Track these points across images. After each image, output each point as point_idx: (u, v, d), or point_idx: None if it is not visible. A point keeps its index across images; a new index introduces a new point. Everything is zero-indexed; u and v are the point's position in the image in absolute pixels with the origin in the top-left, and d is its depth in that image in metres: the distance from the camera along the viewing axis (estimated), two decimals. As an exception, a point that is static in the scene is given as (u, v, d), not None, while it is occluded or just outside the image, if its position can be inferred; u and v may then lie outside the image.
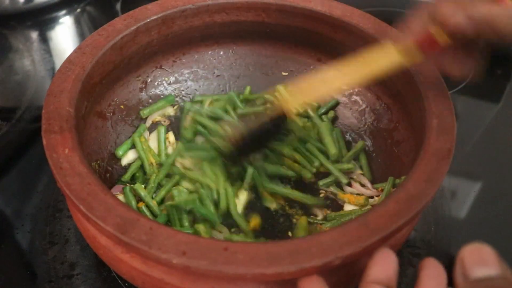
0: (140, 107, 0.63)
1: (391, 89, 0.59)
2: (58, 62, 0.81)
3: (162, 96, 0.66)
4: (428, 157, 0.44)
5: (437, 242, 0.57)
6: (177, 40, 0.64)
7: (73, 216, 0.47)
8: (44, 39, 0.85)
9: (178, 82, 0.67)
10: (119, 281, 0.53)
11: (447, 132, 0.46)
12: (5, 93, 0.74)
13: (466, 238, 0.56)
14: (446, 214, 0.60)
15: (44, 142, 0.43)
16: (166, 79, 0.66)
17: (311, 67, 0.68)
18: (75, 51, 0.53)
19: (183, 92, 0.67)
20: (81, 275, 0.53)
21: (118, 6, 0.93)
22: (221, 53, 0.69)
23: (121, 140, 0.61)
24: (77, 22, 0.90)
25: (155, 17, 0.59)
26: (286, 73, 0.68)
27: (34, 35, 0.85)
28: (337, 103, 0.66)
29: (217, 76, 0.69)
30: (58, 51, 0.84)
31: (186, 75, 0.68)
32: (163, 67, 0.66)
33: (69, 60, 0.52)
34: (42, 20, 0.88)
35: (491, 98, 0.77)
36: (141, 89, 0.64)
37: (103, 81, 0.56)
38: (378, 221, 0.39)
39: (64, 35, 0.88)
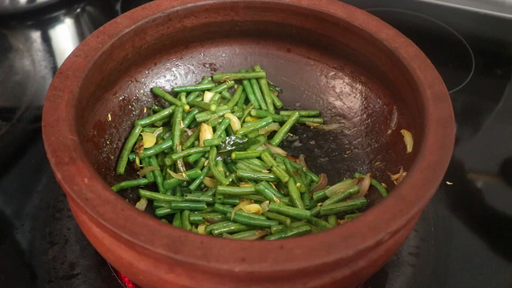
0: (119, 124, 0.61)
1: (372, 71, 0.61)
2: (58, 62, 0.81)
3: (136, 111, 0.64)
4: (434, 126, 0.46)
5: (437, 242, 0.58)
6: (149, 51, 0.62)
7: (99, 248, 0.44)
8: (44, 39, 0.85)
9: (152, 92, 0.65)
10: (119, 281, 0.54)
11: (442, 100, 0.49)
12: (5, 93, 0.74)
13: (466, 238, 0.59)
14: (446, 214, 0.61)
15: (59, 175, 0.41)
16: (142, 91, 0.64)
17: (281, 58, 0.69)
18: (57, 76, 0.50)
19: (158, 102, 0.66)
20: (81, 275, 0.54)
21: (118, 6, 0.92)
22: (191, 57, 0.68)
23: (112, 160, 0.58)
24: (77, 22, 0.89)
25: (127, 30, 0.57)
26: (257, 68, 0.69)
27: (34, 35, 0.84)
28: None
29: (190, 79, 0.68)
30: (58, 51, 0.83)
31: (159, 84, 0.66)
32: (137, 79, 0.64)
33: (53, 86, 0.49)
34: (42, 20, 0.88)
35: (491, 98, 0.78)
36: (119, 106, 0.62)
37: (89, 104, 0.54)
38: (412, 193, 0.41)
39: (64, 35, 0.87)
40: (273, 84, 0.69)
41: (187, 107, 0.64)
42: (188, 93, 0.67)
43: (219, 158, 0.60)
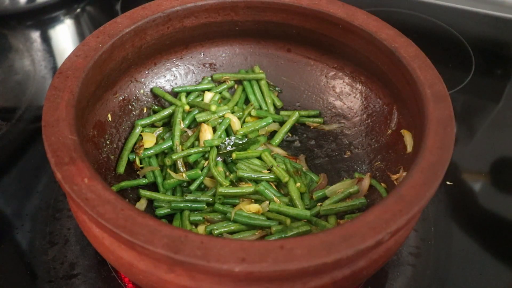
0: (119, 124, 0.61)
1: (371, 71, 0.61)
2: (58, 62, 0.81)
3: (136, 111, 0.64)
4: (434, 126, 0.46)
5: (437, 242, 0.58)
6: (149, 51, 0.62)
7: (99, 248, 0.44)
8: (44, 39, 0.85)
9: (152, 92, 0.65)
10: (119, 281, 0.54)
11: (442, 100, 0.49)
12: (5, 93, 0.74)
13: (466, 238, 0.59)
14: (446, 214, 0.61)
15: (59, 175, 0.41)
16: (142, 91, 0.64)
17: (281, 58, 0.69)
18: (57, 77, 0.50)
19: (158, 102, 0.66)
20: (81, 275, 0.54)
21: (118, 6, 0.92)
22: (191, 57, 0.68)
23: (112, 160, 0.58)
24: (77, 22, 0.90)
25: (127, 30, 0.57)
26: (257, 69, 0.69)
27: (34, 35, 0.85)
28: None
29: (190, 79, 0.68)
30: (58, 51, 0.84)
31: (159, 84, 0.66)
32: (137, 79, 0.64)
33: (53, 86, 0.49)
34: (42, 20, 0.88)
35: (491, 98, 0.78)
36: (119, 106, 0.62)
37: (89, 104, 0.54)
38: (412, 193, 0.41)
39: (64, 35, 0.87)
40: (273, 84, 0.69)
41: (187, 107, 0.64)
42: (188, 93, 0.67)
43: (219, 159, 0.60)
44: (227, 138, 0.60)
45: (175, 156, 0.58)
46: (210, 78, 0.68)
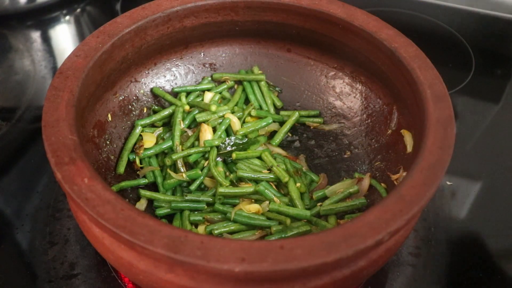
0: (119, 124, 0.61)
1: (372, 71, 0.61)
2: (58, 62, 0.81)
3: (136, 111, 0.64)
4: (434, 126, 0.46)
5: (437, 242, 0.58)
6: (149, 51, 0.62)
7: (99, 248, 0.44)
8: (44, 39, 0.85)
9: (152, 92, 0.65)
10: (119, 281, 0.54)
11: (442, 100, 0.49)
12: (5, 93, 0.74)
13: (466, 238, 0.59)
14: (446, 214, 0.61)
15: (59, 175, 0.41)
16: (142, 91, 0.64)
17: (281, 58, 0.69)
18: (57, 77, 0.50)
19: (158, 102, 0.66)
20: (81, 275, 0.54)
21: (118, 6, 0.92)
22: (191, 57, 0.68)
23: (112, 160, 0.58)
24: (77, 22, 0.90)
25: (127, 30, 0.57)
26: (256, 69, 0.69)
27: (34, 35, 0.85)
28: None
29: (190, 79, 0.68)
30: (58, 51, 0.84)
31: (159, 84, 0.66)
32: (137, 79, 0.64)
33: (53, 86, 0.49)
34: (42, 20, 0.88)
35: (491, 98, 0.78)
36: (119, 106, 0.62)
37: (89, 104, 0.54)
38: (412, 193, 0.41)
39: (64, 35, 0.88)
40: (273, 84, 0.69)
41: (187, 107, 0.64)
42: (188, 93, 0.67)
43: (219, 159, 0.60)
44: (227, 138, 0.60)
45: (175, 156, 0.58)
46: (210, 78, 0.68)
